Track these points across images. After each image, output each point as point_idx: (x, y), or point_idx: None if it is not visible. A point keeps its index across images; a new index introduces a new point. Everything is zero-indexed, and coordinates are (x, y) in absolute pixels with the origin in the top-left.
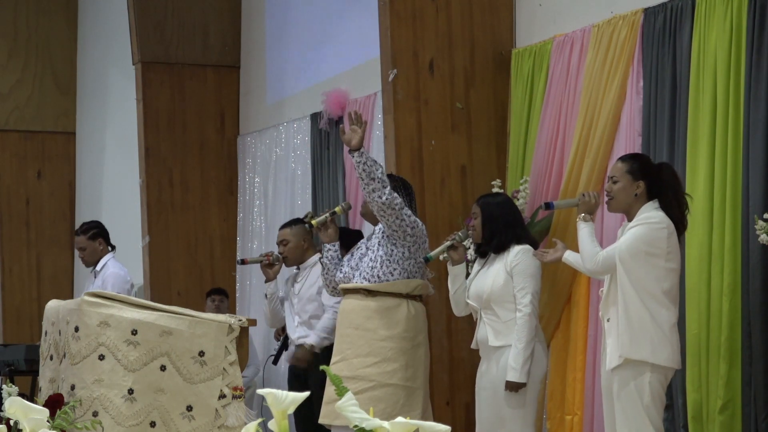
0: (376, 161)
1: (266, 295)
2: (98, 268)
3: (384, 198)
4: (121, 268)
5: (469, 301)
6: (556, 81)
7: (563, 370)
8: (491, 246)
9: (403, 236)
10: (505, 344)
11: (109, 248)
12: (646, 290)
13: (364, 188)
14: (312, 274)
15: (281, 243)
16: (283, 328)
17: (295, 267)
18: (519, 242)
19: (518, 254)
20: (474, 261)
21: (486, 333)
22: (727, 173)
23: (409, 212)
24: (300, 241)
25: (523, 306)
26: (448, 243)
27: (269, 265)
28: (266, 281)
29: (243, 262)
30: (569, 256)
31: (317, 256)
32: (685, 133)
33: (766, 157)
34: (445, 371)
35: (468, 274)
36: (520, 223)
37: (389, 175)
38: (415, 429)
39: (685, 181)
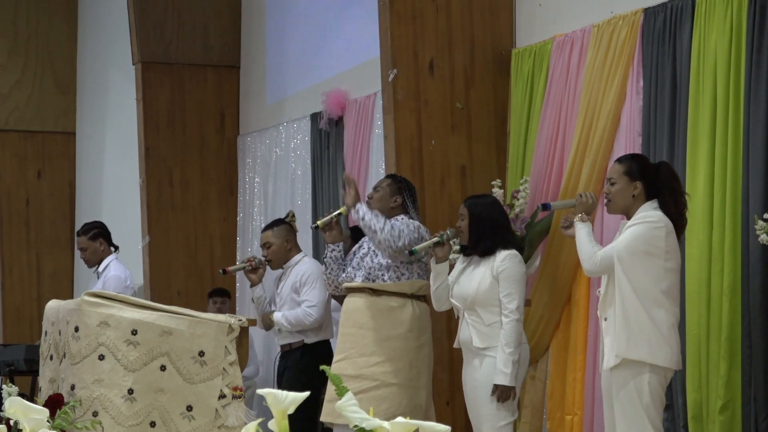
0: (370, 212)
1: (252, 300)
2: (101, 269)
3: (394, 246)
4: (123, 270)
5: (452, 300)
6: (556, 81)
7: (563, 370)
8: (477, 250)
9: (416, 259)
10: (489, 346)
11: (112, 249)
12: (645, 290)
13: (371, 240)
14: (293, 273)
15: (264, 246)
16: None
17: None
18: (506, 247)
19: (505, 260)
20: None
21: (469, 334)
22: (727, 173)
23: (412, 226)
24: (283, 243)
25: (510, 312)
26: (435, 239)
27: (253, 270)
28: (251, 286)
29: (225, 272)
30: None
31: (300, 254)
32: (685, 133)
33: (766, 157)
34: (445, 371)
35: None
36: (507, 226)
37: (392, 176)
38: (415, 429)
39: (685, 181)
